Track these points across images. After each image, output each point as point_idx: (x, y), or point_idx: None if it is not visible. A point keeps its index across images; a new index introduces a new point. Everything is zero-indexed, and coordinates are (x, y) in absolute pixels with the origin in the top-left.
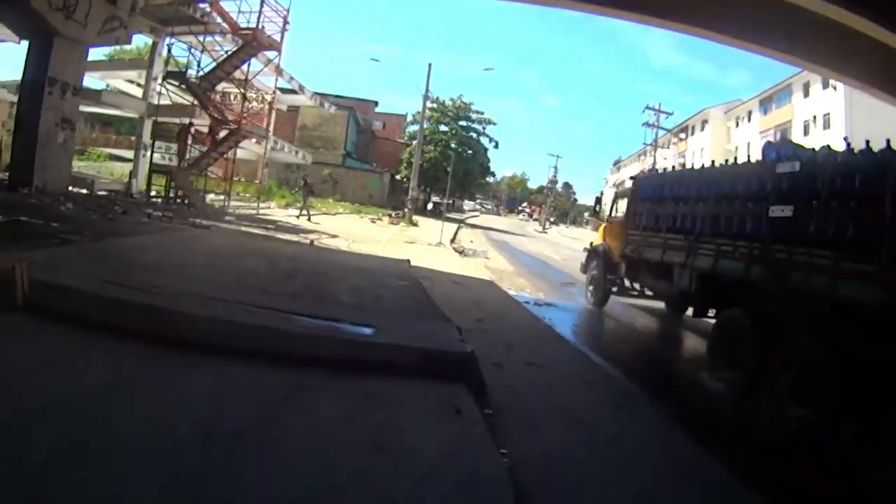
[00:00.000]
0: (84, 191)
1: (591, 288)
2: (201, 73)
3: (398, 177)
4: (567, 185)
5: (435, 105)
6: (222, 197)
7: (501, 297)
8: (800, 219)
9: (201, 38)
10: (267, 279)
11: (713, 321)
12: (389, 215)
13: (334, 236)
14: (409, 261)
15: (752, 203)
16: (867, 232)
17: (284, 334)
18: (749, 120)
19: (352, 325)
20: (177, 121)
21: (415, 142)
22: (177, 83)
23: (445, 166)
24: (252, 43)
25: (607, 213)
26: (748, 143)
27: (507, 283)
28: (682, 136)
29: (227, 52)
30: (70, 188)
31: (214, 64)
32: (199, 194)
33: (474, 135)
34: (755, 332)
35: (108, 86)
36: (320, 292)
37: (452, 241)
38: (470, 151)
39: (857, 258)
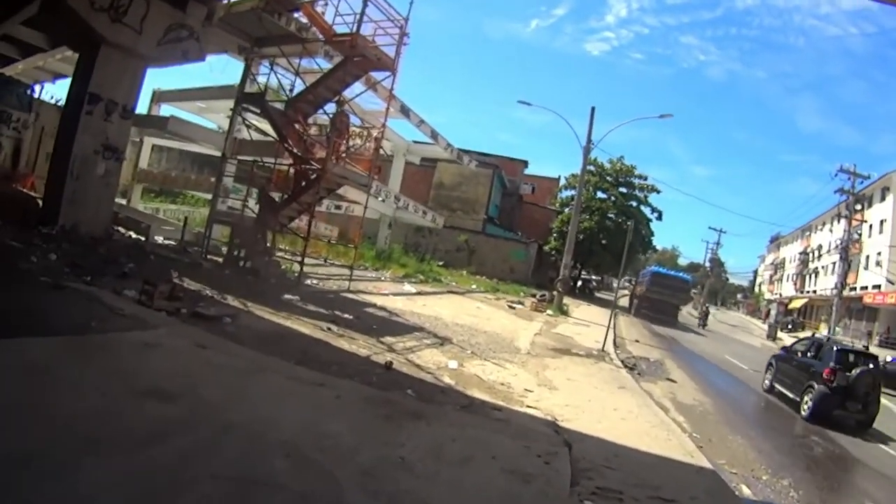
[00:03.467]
0: (141, 238)
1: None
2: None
3: (546, 248)
4: (718, 262)
5: (592, 168)
6: (321, 261)
7: None
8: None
9: (297, 62)
10: None
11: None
12: (533, 296)
13: (443, 341)
14: (554, 426)
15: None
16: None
17: None
18: None
19: None
20: (259, 160)
21: (567, 209)
22: (255, 110)
23: (601, 238)
24: (352, 57)
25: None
26: None
27: (726, 456)
28: (858, 207)
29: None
30: (120, 230)
31: (304, 88)
32: (266, 257)
33: (634, 203)
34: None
35: (219, 127)
36: None
37: (614, 341)
38: (630, 222)
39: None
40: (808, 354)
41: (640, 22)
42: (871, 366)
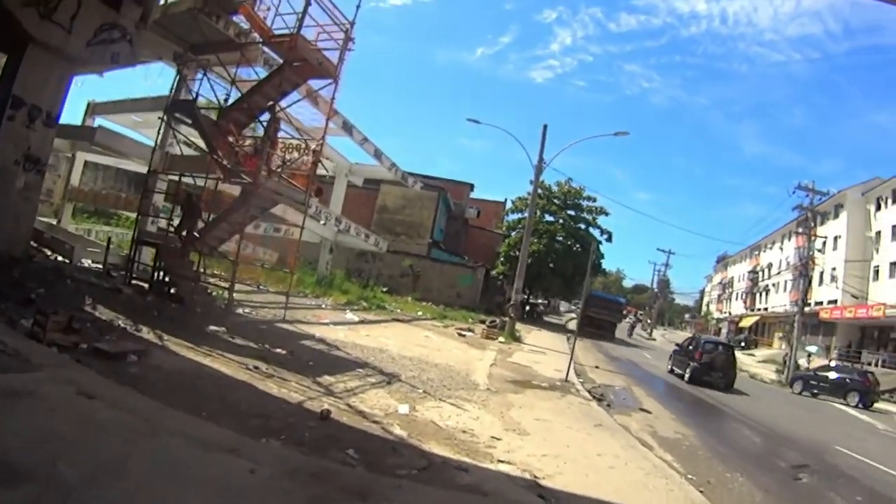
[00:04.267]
0: (66, 260)
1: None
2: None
3: (493, 272)
4: (666, 284)
5: (539, 190)
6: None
7: None
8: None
9: (234, 71)
10: None
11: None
12: (483, 322)
13: (390, 378)
14: (537, 487)
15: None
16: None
17: None
18: (894, 201)
19: None
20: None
21: (514, 232)
22: (186, 120)
23: (549, 262)
24: (292, 62)
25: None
26: (893, 227)
27: (734, 502)
28: (812, 224)
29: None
30: (45, 251)
31: (240, 96)
32: (192, 283)
33: (583, 225)
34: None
35: (155, 142)
36: None
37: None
38: (578, 246)
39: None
40: (690, 346)
41: (584, 50)
42: (726, 350)
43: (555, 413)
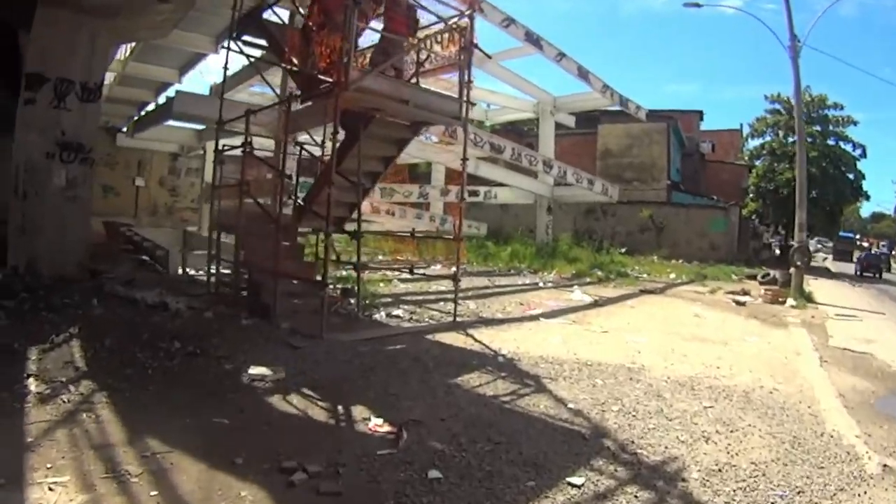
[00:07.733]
0: (161, 269)
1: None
2: None
3: (744, 212)
4: None
5: (779, 105)
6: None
7: None
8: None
9: None
10: None
11: None
12: (753, 279)
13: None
14: None
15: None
16: None
17: None
18: None
19: None
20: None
21: (759, 161)
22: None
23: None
24: None
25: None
26: None
27: None
28: None
29: None
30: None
31: None
32: (274, 282)
33: (833, 140)
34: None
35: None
36: None
37: None
38: (834, 169)
39: None
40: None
41: None
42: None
43: None
